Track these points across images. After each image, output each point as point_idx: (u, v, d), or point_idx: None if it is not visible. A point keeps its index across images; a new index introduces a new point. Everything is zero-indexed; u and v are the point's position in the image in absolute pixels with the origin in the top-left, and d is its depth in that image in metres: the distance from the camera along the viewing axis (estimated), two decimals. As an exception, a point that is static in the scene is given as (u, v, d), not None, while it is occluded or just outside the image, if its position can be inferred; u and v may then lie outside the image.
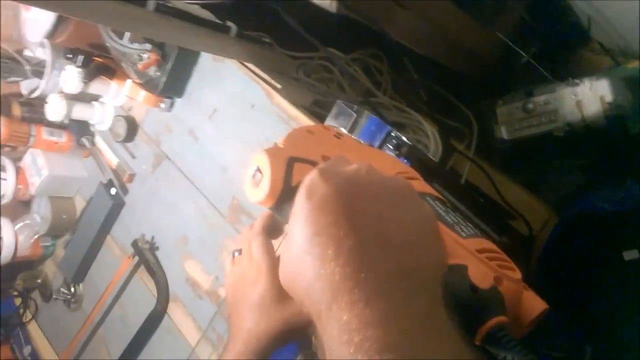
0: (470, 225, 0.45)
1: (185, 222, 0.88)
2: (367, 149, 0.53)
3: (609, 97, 1.13)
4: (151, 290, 0.91)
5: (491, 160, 1.27)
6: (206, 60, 0.87)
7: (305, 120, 0.78)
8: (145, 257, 0.90)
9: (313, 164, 0.44)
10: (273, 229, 0.68)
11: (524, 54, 1.15)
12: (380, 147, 0.69)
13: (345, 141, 0.52)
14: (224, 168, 0.84)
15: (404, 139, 0.64)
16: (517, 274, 0.42)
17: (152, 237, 0.92)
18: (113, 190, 0.97)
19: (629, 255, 1.12)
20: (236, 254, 0.66)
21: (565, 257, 1.13)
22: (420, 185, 0.46)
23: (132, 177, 0.97)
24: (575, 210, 1.19)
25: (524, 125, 1.19)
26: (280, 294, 0.58)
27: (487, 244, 0.42)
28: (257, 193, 0.43)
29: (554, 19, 1.25)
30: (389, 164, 0.48)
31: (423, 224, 0.38)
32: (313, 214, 0.36)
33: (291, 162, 0.43)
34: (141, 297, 0.92)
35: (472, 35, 1.13)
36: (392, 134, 0.64)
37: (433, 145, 1.13)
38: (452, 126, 1.29)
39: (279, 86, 0.80)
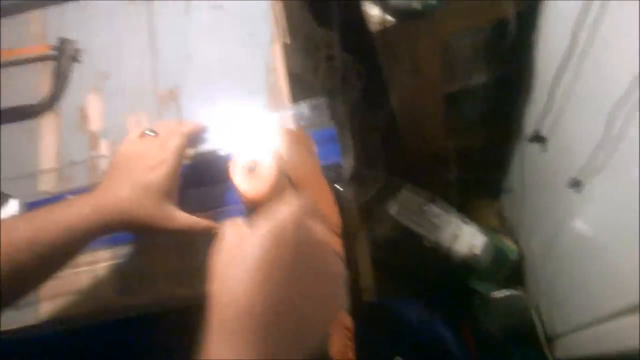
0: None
1: (119, 65, 0.86)
2: (327, 192, 0.57)
3: (476, 250, 1.29)
4: (41, 88, 0.88)
5: (366, 221, 1.39)
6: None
7: (282, 81, 0.81)
8: (62, 59, 0.87)
9: (291, 184, 0.49)
10: (195, 139, 0.72)
11: (454, 172, 1.28)
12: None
13: (317, 169, 0.56)
14: (188, 56, 0.85)
15: (343, 175, 0.71)
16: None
17: (81, 50, 0.89)
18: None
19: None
20: (151, 133, 0.68)
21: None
22: (339, 244, 0.54)
23: (103, -14, 0.93)
24: (385, 303, 1.33)
25: (409, 217, 1.31)
26: (164, 195, 0.61)
27: (350, 322, 0.54)
28: (249, 185, 0.46)
29: (492, 170, 1.40)
30: (332, 212, 0.55)
31: (331, 315, 0.46)
32: (271, 246, 0.42)
33: (285, 178, 0.48)
34: (27, 86, 0.88)
35: (437, 130, 1.23)
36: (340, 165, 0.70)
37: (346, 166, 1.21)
38: (364, 172, 1.39)
39: (287, 41, 0.83)
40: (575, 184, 0.82)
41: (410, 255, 1.42)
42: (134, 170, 0.62)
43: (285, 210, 0.44)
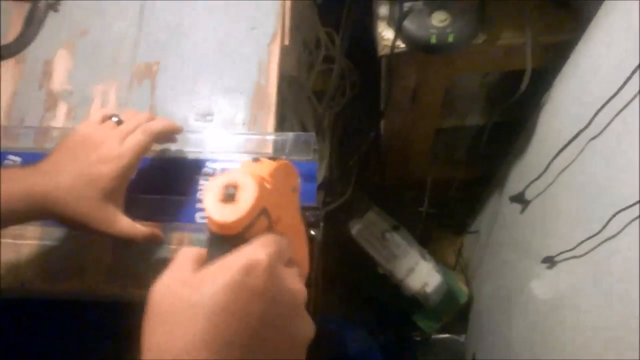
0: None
1: (100, 25, 0.78)
2: (304, 237, 0.51)
3: (429, 288, 1.25)
4: (9, 31, 0.79)
5: (329, 232, 1.33)
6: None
7: (271, 86, 0.74)
8: (39, 4, 0.78)
9: (269, 223, 0.41)
10: (165, 137, 0.64)
11: (423, 207, 1.23)
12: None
13: (297, 209, 0.50)
14: (177, 34, 0.77)
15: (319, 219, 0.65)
16: None
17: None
18: None
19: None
20: (114, 119, 0.61)
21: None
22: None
23: None
24: (327, 322, 1.29)
25: (370, 241, 1.27)
26: (108, 194, 0.55)
27: None
28: (223, 212, 0.38)
29: (463, 208, 1.37)
30: (304, 260, 0.48)
31: None
32: (232, 294, 0.35)
33: (263, 211, 0.40)
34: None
35: (421, 161, 1.19)
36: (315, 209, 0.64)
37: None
38: (333, 183, 1.33)
39: (287, 42, 0.76)
40: (549, 261, 0.78)
41: (361, 277, 1.39)
42: (83, 158, 0.55)
43: (260, 253, 0.36)
